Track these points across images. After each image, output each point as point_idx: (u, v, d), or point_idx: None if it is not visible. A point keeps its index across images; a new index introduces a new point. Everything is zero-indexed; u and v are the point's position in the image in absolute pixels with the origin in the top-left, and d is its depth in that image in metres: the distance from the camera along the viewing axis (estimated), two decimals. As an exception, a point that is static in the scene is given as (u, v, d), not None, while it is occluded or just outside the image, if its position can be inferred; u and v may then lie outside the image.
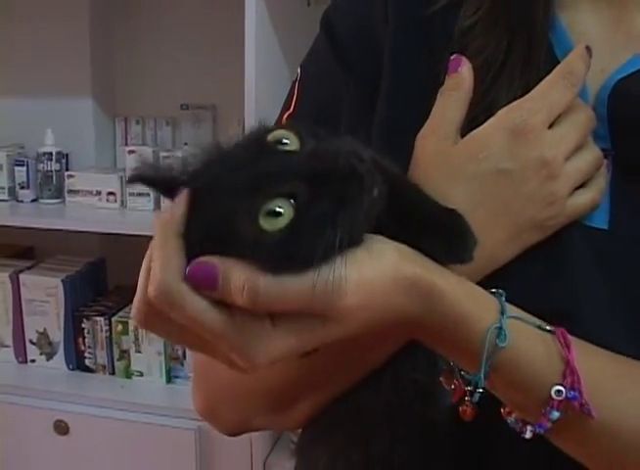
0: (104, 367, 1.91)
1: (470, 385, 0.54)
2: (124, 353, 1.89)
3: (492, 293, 0.55)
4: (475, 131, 0.59)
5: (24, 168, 1.91)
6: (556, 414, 0.53)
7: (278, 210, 0.46)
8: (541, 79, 0.59)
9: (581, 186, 0.59)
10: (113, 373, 1.91)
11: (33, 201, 1.94)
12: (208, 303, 0.47)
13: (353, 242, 0.47)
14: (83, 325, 1.90)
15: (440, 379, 0.57)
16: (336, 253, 0.46)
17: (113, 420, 1.80)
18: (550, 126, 0.58)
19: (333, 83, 0.71)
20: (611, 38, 0.64)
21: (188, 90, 2.06)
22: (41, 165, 1.90)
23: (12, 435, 1.85)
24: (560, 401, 0.53)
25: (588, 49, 0.59)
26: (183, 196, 0.49)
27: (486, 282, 0.56)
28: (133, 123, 2.09)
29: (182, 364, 1.86)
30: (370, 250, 0.49)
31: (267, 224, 0.46)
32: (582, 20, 0.64)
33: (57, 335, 1.91)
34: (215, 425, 0.73)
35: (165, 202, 0.51)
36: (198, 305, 0.46)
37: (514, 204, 0.58)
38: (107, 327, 1.88)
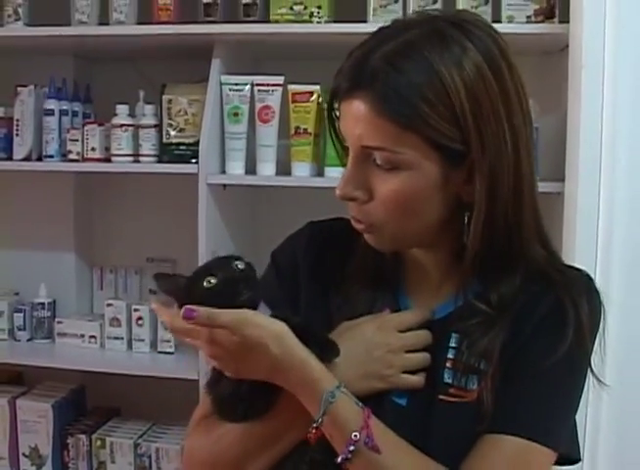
0: (84, 475, 2.46)
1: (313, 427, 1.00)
2: (102, 464, 2.42)
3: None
4: (362, 322, 1.10)
5: (22, 315, 2.47)
6: (352, 447, 0.97)
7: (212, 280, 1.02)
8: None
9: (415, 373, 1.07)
10: (92, 480, 2.46)
11: (28, 340, 2.49)
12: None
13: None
14: (68, 441, 2.44)
15: (309, 435, 1.01)
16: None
17: (92, 519, 2.35)
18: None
19: (275, 292, 1.19)
20: (434, 290, 1.15)
21: (152, 246, 2.63)
22: (36, 313, 2.46)
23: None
24: (355, 441, 0.98)
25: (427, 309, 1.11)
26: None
27: None
28: (108, 272, 2.67)
29: (149, 473, 2.41)
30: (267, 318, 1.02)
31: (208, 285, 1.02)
32: (414, 282, 1.17)
33: (46, 449, 2.44)
34: None
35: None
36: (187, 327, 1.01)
37: (367, 359, 1.05)
38: (87, 442, 2.42)
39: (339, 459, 0.99)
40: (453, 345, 1.07)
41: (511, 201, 1.03)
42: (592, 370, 1.08)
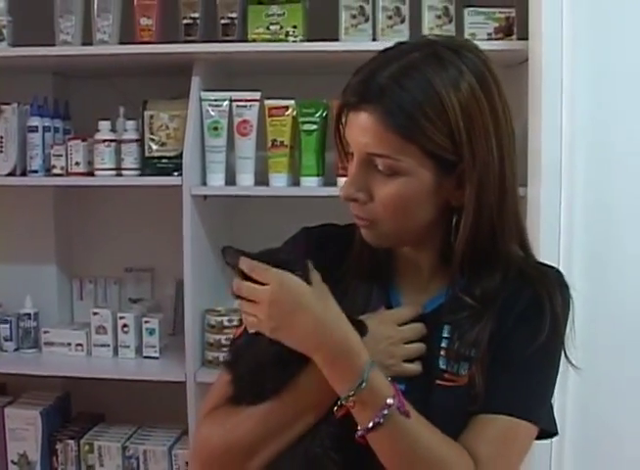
0: (73, 480, 2.56)
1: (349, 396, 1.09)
2: (90, 468, 2.53)
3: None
4: (364, 316, 1.20)
5: (8, 325, 2.57)
6: (385, 411, 1.08)
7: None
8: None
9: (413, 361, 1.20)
10: (80, 484, 2.56)
11: (15, 350, 2.59)
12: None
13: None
14: (57, 447, 2.54)
15: (335, 410, 1.12)
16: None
17: (82, 521, 2.45)
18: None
19: None
20: (423, 287, 1.28)
21: (131, 257, 2.76)
22: (22, 323, 2.57)
23: None
24: (389, 406, 1.08)
25: (419, 305, 1.24)
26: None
27: None
28: (87, 283, 2.78)
29: (136, 474, 2.53)
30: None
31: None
32: (406, 279, 1.31)
33: (35, 455, 2.54)
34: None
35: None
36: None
37: (373, 350, 1.14)
38: (76, 447, 2.53)
39: (370, 424, 1.09)
40: (446, 335, 1.21)
41: (495, 206, 1.18)
42: (566, 354, 1.23)
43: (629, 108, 1.97)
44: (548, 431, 1.24)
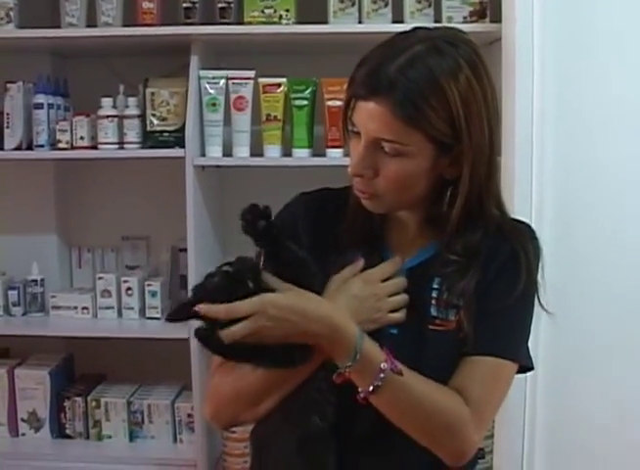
0: (80, 434, 2.79)
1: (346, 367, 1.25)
2: (97, 423, 2.77)
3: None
4: (350, 280, 1.34)
5: (16, 291, 2.78)
6: (382, 375, 1.23)
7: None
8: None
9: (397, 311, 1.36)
10: (88, 438, 2.79)
11: (23, 315, 2.80)
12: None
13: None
14: (65, 404, 2.77)
15: (334, 377, 1.26)
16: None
17: (92, 470, 2.69)
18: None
19: None
20: (408, 244, 1.45)
21: (127, 225, 2.98)
22: (29, 289, 2.78)
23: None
24: (383, 370, 1.23)
25: (400, 259, 1.39)
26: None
27: None
28: (85, 252, 3.00)
29: (141, 427, 2.76)
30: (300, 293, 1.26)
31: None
32: (394, 237, 1.49)
33: (44, 413, 2.77)
34: (217, 424, 1.44)
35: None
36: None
37: (360, 309, 1.31)
38: (83, 404, 2.76)
39: (370, 388, 1.26)
40: (435, 286, 1.37)
41: (485, 177, 1.37)
42: (539, 299, 1.43)
43: (594, 84, 2.25)
44: (526, 366, 1.44)
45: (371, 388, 1.26)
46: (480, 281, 1.36)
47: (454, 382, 1.33)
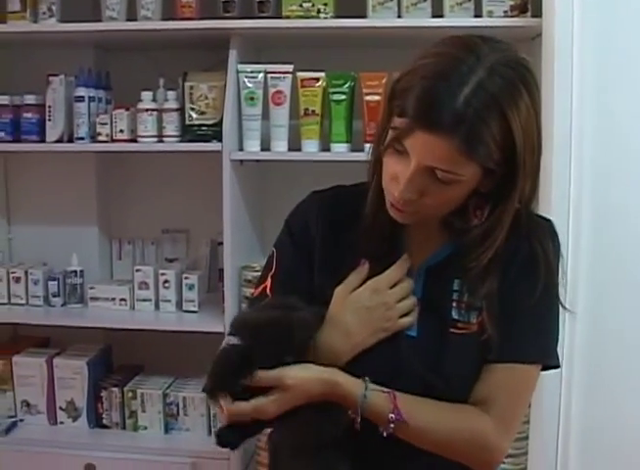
0: (117, 424, 2.85)
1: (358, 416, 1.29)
2: (133, 413, 2.82)
3: (363, 379, 1.30)
4: (357, 290, 1.38)
5: (56, 282, 2.85)
6: (391, 426, 1.29)
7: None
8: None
9: (407, 315, 1.38)
10: (124, 428, 2.85)
11: (62, 305, 2.87)
12: None
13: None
14: (102, 394, 2.83)
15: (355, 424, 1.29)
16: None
17: (127, 460, 2.72)
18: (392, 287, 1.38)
19: (292, 256, 1.48)
20: (426, 242, 1.43)
21: (167, 218, 3.03)
22: (69, 280, 2.84)
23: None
24: (391, 421, 1.29)
25: (406, 260, 1.39)
26: None
27: (358, 358, 1.34)
28: (125, 244, 3.06)
29: (176, 419, 2.81)
30: (305, 366, 1.30)
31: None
32: (412, 236, 1.42)
33: (81, 402, 2.83)
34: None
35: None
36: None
37: (371, 320, 1.36)
38: (120, 395, 2.82)
39: (384, 433, 1.31)
40: (456, 288, 1.37)
41: (529, 192, 1.34)
42: (558, 297, 1.42)
43: (635, 80, 2.24)
44: (554, 366, 1.44)
45: (385, 433, 1.31)
46: (501, 282, 1.36)
47: (479, 391, 1.36)
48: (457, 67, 1.22)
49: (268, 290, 1.48)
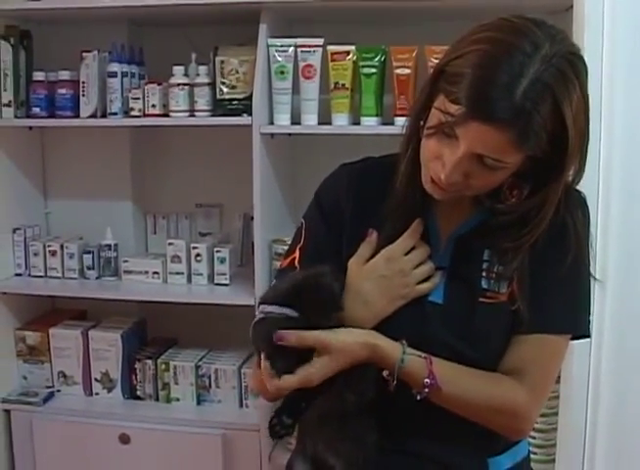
0: (150, 396, 2.94)
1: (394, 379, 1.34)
2: (166, 385, 2.91)
3: (401, 342, 1.35)
4: (372, 260, 1.42)
5: (91, 256, 2.94)
6: (425, 390, 1.33)
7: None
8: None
9: (426, 280, 1.41)
10: (157, 399, 2.94)
11: (97, 278, 2.96)
12: None
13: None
14: (136, 366, 2.92)
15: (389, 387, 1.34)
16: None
17: (160, 431, 2.81)
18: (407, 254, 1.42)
19: (321, 228, 1.52)
20: (455, 212, 1.46)
21: (201, 193, 3.11)
22: (103, 254, 2.94)
23: (86, 446, 2.86)
24: (426, 386, 1.33)
25: (419, 225, 1.43)
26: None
27: (383, 326, 1.38)
28: (160, 218, 3.14)
29: (208, 391, 2.89)
30: (347, 330, 1.36)
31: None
32: (440, 205, 1.44)
33: (116, 374, 2.93)
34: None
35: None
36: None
37: (388, 288, 1.40)
38: (153, 367, 2.91)
39: (418, 397, 1.36)
40: (486, 258, 1.40)
41: (573, 176, 1.36)
42: (588, 267, 1.45)
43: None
44: (585, 334, 1.47)
45: (418, 397, 1.36)
46: (531, 253, 1.38)
47: (509, 362, 1.39)
48: (514, 56, 1.22)
49: (297, 262, 1.52)
